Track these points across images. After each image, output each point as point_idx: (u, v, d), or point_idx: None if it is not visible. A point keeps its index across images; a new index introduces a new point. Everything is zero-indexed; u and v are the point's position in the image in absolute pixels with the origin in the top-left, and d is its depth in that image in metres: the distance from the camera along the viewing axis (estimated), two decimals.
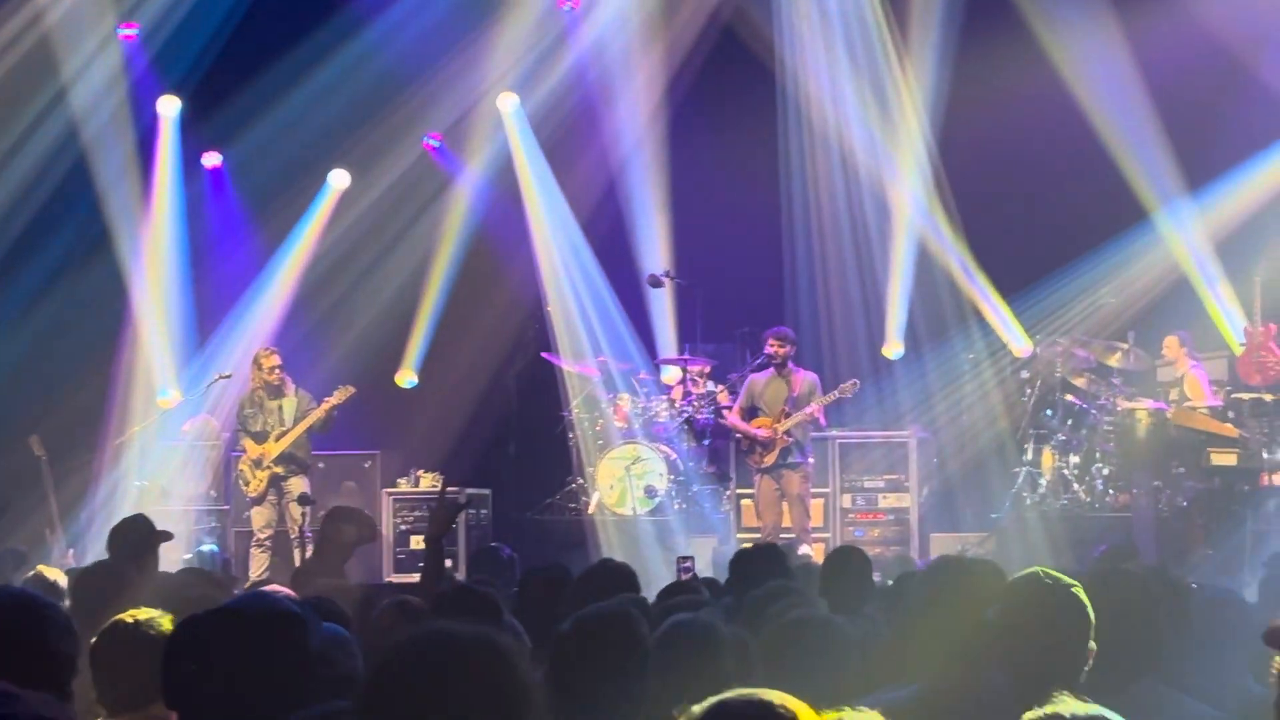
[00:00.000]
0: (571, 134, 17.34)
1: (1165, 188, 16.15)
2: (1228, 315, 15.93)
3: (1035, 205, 16.56)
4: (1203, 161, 15.98)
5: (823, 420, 14.98)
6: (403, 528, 15.79)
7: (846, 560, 7.75)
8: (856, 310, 17.33)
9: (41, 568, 8.87)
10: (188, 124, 17.60)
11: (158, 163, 17.55)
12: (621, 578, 7.04)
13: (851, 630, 4.56)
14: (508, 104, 17.69)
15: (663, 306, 17.11)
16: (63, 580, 7.93)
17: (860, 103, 17.19)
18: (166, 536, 8.93)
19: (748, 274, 17.49)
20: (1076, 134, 16.12)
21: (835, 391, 14.80)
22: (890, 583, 8.09)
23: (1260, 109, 15.85)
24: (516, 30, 17.04)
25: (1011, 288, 16.92)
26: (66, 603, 6.89)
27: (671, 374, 16.53)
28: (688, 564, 9.16)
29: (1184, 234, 16.23)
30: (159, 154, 17.56)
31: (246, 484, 14.69)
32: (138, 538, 8.73)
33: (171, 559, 11.08)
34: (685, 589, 7.52)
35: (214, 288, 17.50)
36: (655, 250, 17.13)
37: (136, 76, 17.32)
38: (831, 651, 4.23)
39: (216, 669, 3.56)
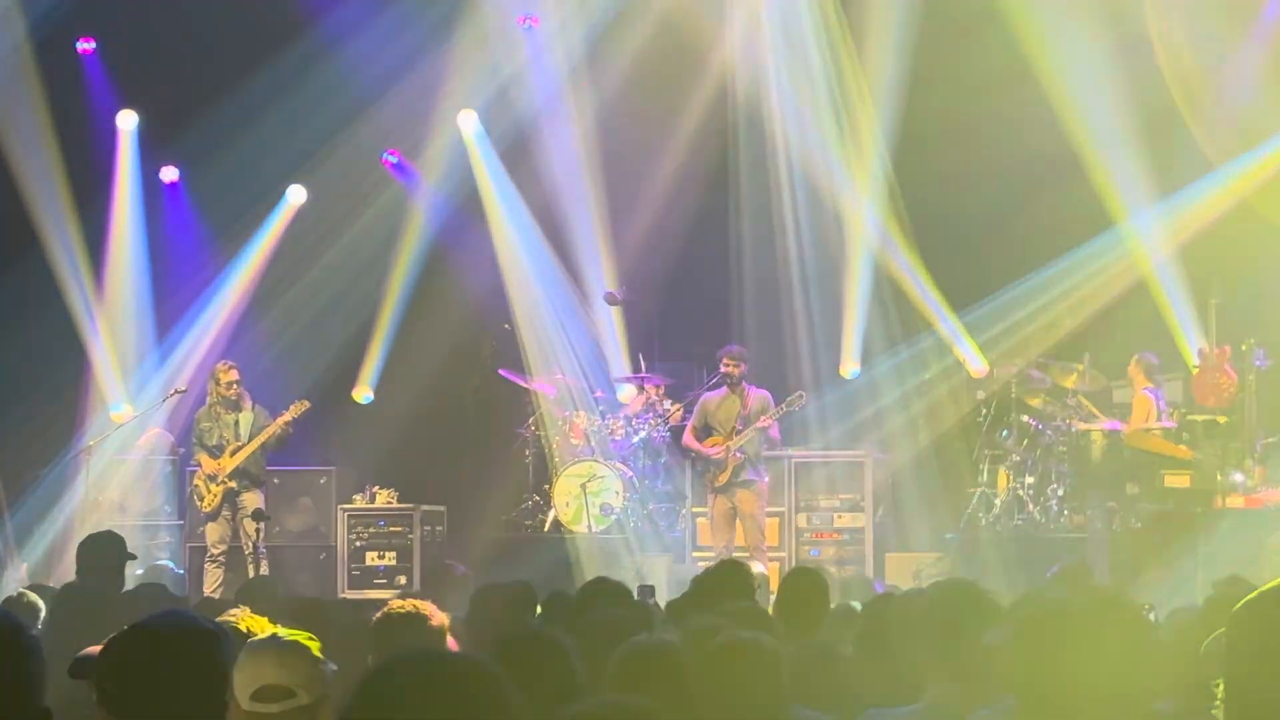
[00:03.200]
0: (528, 151, 17.35)
1: (1125, 205, 16.15)
2: (1188, 335, 15.98)
3: (993, 223, 16.58)
4: (1162, 178, 16.01)
5: (777, 436, 15.04)
6: (358, 544, 15.75)
7: (802, 583, 7.64)
8: (812, 329, 17.33)
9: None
10: (145, 139, 17.56)
11: (116, 177, 17.50)
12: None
13: (785, 653, 4.55)
14: (467, 121, 17.68)
15: (618, 325, 17.11)
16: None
17: (815, 116, 17.19)
18: (131, 556, 8.93)
19: (703, 293, 17.52)
20: (1033, 151, 16.13)
21: (784, 404, 14.83)
22: (855, 604, 8.01)
23: (1219, 127, 15.93)
24: (476, 47, 17.02)
25: (968, 307, 16.96)
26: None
27: (628, 392, 16.54)
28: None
29: (1143, 252, 16.26)
30: (118, 168, 17.52)
31: (201, 499, 14.64)
32: (109, 555, 8.72)
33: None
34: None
35: (170, 302, 17.44)
36: (611, 269, 17.13)
37: (95, 90, 17.30)
38: (762, 674, 4.23)
39: (133, 685, 3.57)
